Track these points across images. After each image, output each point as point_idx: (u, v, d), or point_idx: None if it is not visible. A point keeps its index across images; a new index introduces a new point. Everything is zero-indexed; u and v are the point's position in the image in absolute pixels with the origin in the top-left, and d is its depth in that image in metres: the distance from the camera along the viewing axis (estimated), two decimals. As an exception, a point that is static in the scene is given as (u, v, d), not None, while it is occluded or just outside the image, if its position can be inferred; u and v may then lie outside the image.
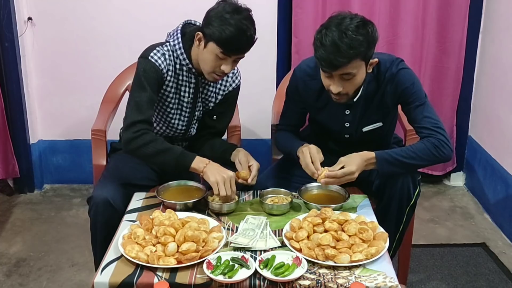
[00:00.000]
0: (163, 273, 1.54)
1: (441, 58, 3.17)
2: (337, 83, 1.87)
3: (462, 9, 3.05)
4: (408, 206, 1.98)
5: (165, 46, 2.03)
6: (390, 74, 1.98)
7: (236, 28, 1.86)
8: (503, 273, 2.51)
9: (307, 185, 2.03)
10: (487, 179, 3.13)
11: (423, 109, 1.97)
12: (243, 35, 1.89)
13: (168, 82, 2.04)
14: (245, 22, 1.89)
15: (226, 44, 1.88)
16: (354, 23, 1.80)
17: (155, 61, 1.98)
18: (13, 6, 3.01)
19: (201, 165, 1.91)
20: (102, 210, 1.95)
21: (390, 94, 2.00)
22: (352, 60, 1.80)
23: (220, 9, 1.90)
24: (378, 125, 2.09)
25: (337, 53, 1.77)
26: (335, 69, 1.82)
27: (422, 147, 1.91)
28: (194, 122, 2.19)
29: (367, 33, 1.81)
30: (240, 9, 1.92)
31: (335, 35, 1.78)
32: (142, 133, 1.91)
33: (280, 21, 3.12)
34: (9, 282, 2.45)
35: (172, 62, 2.03)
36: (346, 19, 1.81)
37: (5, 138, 3.10)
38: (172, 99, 2.08)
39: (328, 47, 1.78)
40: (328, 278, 1.53)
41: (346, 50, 1.77)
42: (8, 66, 3.08)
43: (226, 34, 1.86)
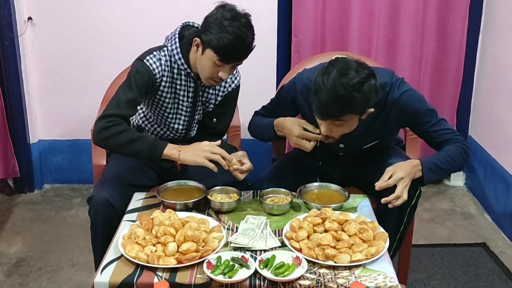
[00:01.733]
0: (163, 273, 1.54)
1: (441, 58, 3.16)
2: (327, 127, 1.84)
3: (462, 9, 3.05)
4: (409, 206, 1.98)
5: (163, 51, 2.02)
6: (392, 99, 1.94)
7: (234, 36, 1.85)
8: (503, 273, 2.51)
9: (307, 185, 2.03)
10: (487, 179, 3.13)
11: (438, 123, 1.98)
12: (241, 43, 1.88)
13: (164, 87, 2.04)
14: (243, 30, 1.87)
15: (223, 52, 1.88)
16: (358, 77, 1.72)
17: (149, 64, 1.97)
18: (13, 6, 3.01)
19: (174, 151, 1.88)
20: (102, 210, 1.95)
21: (395, 118, 1.98)
22: (345, 114, 1.77)
23: (218, 16, 1.89)
24: (376, 142, 2.09)
25: (332, 106, 1.73)
26: (326, 119, 1.80)
27: (456, 153, 1.95)
28: (194, 125, 2.19)
29: (369, 91, 1.75)
30: (239, 15, 1.90)
31: (336, 87, 1.71)
32: (114, 123, 1.88)
33: (280, 21, 3.12)
34: (9, 282, 2.45)
35: (168, 68, 2.02)
36: (351, 70, 1.74)
37: (5, 138, 3.10)
38: (169, 103, 2.08)
39: (325, 97, 1.73)
40: (328, 278, 1.53)
41: (342, 104, 1.73)
42: (8, 66, 3.08)
43: (224, 42, 1.85)
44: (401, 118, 1.98)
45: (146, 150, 1.88)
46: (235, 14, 1.89)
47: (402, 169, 1.85)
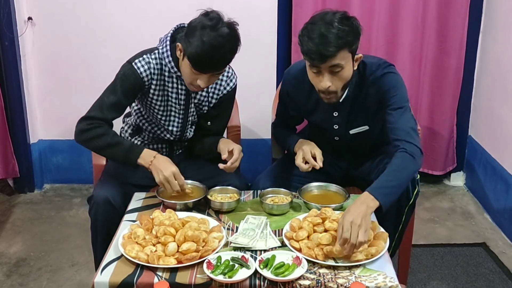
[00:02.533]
0: (163, 273, 1.54)
1: (441, 57, 3.16)
2: (326, 78, 1.85)
3: (462, 8, 3.05)
4: (407, 205, 1.98)
5: (154, 53, 2.00)
6: (374, 78, 1.97)
7: (208, 45, 1.80)
8: (503, 273, 2.51)
9: (307, 185, 2.03)
10: (487, 179, 3.13)
11: (397, 113, 1.92)
12: (215, 53, 1.82)
13: (154, 90, 2.02)
14: (219, 39, 1.81)
15: (195, 62, 1.84)
16: (337, 16, 1.82)
17: (137, 68, 1.96)
18: (13, 6, 3.01)
19: (148, 160, 1.91)
20: (103, 210, 1.95)
21: (372, 97, 1.99)
22: (340, 50, 1.80)
23: (197, 22, 1.84)
24: (364, 128, 2.09)
25: (326, 43, 1.78)
26: (324, 60, 1.81)
27: (401, 163, 1.83)
28: (189, 126, 2.17)
29: (352, 25, 1.84)
30: (219, 24, 1.83)
31: (322, 28, 1.79)
32: (95, 126, 1.93)
33: (280, 21, 3.12)
34: (9, 282, 2.45)
35: (158, 71, 2.00)
36: (328, 13, 1.84)
37: (5, 138, 3.10)
38: (161, 106, 2.07)
39: (316, 39, 1.79)
40: (328, 278, 1.53)
41: (334, 39, 1.78)
42: (8, 66, 3.08)
43: (197, 51, 1.81)
44: (376, 96, 1.98)
45: (122, 156, 1.93)
46: (215, 23, 1.82)
47: (348, 214, 1.64)
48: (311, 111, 2.12)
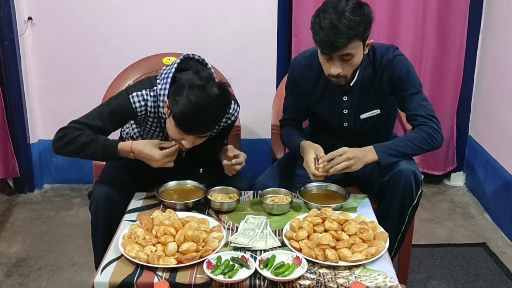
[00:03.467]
0: (163, 273, 1.54)
1: (441, 57, 3.16)
2: (337, 65, 1.89)
3: (462, 9, 3.05)
4: (411, 206, 1.98)
5: (152, 91, 1.93)
6: (387, 60, 2.00)
7: (195, 105, 1.73)
8: (503, 273, 2.50)
9: (307, 185, 2.03)
10: (488, 179, 3.13)
11: (418, 97, 2.00)
12: (202, 114, 1.74)
13: (151, 125, 2.01)
14: (207, 100, 1.74)
15: (180, 121, 1.77)
16: (350, 5, 1.83)
17: (133, 102, 1.92)
18: (13, 6, 3.01)
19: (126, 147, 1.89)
20: (103, 205, 1.94)
21: (386, 81, 2.02)
22: (352, 41, 1.83)
23: (187, 80, 1.78)
24: (375, 112, 2.10)
25: (337, 34, 1.80)
26: (335, 50, 1.84)
27: (417, 137, 1.96)
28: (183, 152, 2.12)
29: (364, 14, 1.85)
30: (208, 84, 1.76)
31: (333, 17, 1.81)
32: (69, 132, 1.90)
33: (280, 21, 3.12)
34: (9, 282, 2.45)
35: (155, 108, 1.95)
36: (341, 1, 1.84)
37: (5, 138, 3.10)
38: (159, 133, 2.05)
39: (328, 29, 1.81)
40: (328, 278, 1.52)
41: (345, 31, 1.80)
42: (8, 66, 3.07)
43: (182, 110, 1.74)
44: (390, 80, 2.02)
45: (101, 152, 1.90)
46: (204, 83, 1.76)
47: (351, 151, 1.89)
48: (319, 97, 2.12)
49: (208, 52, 2.25)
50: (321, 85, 2.08)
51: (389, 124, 2.24)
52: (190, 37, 3.08)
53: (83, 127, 1.91)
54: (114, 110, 1.94)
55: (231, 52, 3.13)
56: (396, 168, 1.92)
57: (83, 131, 1.90)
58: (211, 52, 2.46)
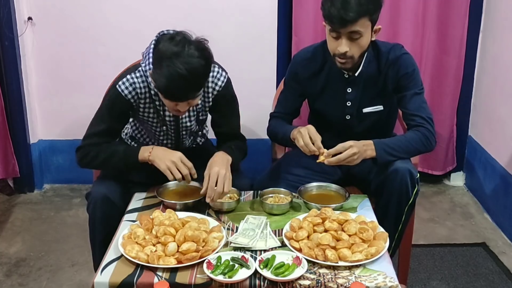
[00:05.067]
0: (163, 273, 1.54)
1: (441, 57, 3.16)
2: (345, 43, 1.91)
3: (462, 8, 3.05)
4: (407, 204, 1.98)
5: (138, 71, 1.94)
6: (394, 56, 2.03)
7: (177, 76, 1.71)
8: (503, 273, 2.50)
9: (307, 185, 2.03)
10: (487, 178, 3.13)
11: (419, 98, 2.03)
12: (186, 82, 1.73)
13: (144, 107, 2.00)
14: (187, 67, 1.71)
15: (167, 94, 1.79)
16: None
17: (121, 90, 1.93)
18: (13, 6, 3.01)
19: (146, 154, 1.92)
20: (101, 206, 1.94)
21: (392, 78, 2.04)
22: (361, 17, 1.87)
23: (163, 51, 1.76)
24: (378, 108, 2.11)
25: (347, 9, 1.84)
26: (344, 25, 1.87)
27: (415, 138, 1.98)
28: (184, 137, 2.13)
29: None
30: (185, 49, 1.74)
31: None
32: (86, 152, 1.97)
33: (280, 20, 3.12)
34: (9, 282, 2.45)
35: (145, 89, 1.95)
36: None
37: (5, 138, 3.10)
38: (154, 118, 2.04)
39: (338, 4, 1.85)
40: (328, 278, 1.52)
41: (355, 6, 1.84)
42: (8, 66, 3.08)
43: (166, 84, 1.74)
44: (395, 77, 2.04)
45: (122, 163, 1.95)
46: (181, 48, 1.73)
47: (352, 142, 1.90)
48: (321, 90, 2.13)
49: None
50: (323, 78, 2.09)
51: (390, 123, 2.24)
52: (190, 37, 3.07)
53: (96, 139, 1.97)
54: (109, 107, 1.97)
55: (231, 52, 3.13)
56: (392, 167, 1.93)
57: (99, 146, 1.95)
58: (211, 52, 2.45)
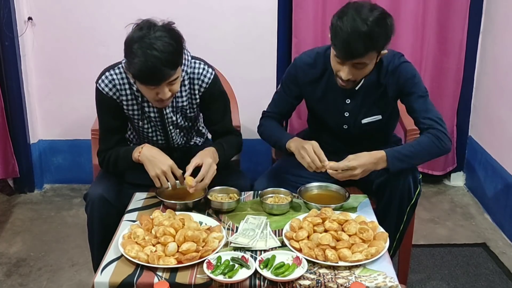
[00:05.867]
0: (163, 273, 1.54)
1: (441, 58, 3.16)
2: (347, 71, 1.88)
3: (462, 9, 3.05)
4: (409, 205, 1.98)
5: (118, 68, 1.96)
6: (393, 67, 2.00)
7: (144, 59, 1.71)
8: (503, 273, 2.50)
9: (307, 185, 2.03)
10: (488, 179, 3.13)
11: (425, 101, 1.99)
12: (158, 63, 1.72)
13: (127, 104, 2.00)
14: (155, 47, 1.71)
15: (142, 79, 1.77)
16: (375, 14, 1.79)
17: (102, 89, 1.96)
18: (13, 6, 3.01)
19: (136, 154, 1.93)
20: (98, 206, 1.95)
21: (392, 86, 2.02)
22: (369, 52, 1.81)
23: (129, 38, 1.76)
24: (377, 117, 2.10)
25: (355, 45, 1.77)
26: (351, 58, 1.82)
27: (426, 141, 1.93)
28: (173, 134, 2.12)
29: (386, 27, 1.82)
30: (150, 32, 1.73)
31: (356, 24, 1.76)
32: (102, 158, 2.03)
33: (280, 21, 3.12)
34: (9, 282, 2.45)
35: (126, 86, 1.96)
36: (365, 8, 1.80)
37: (5, 138, 3.10)
38: (138, 115, 2.04)
39: (347, 37, 1.77)
40: (328, 278, 1.52)
41: (365, 42, 1.77)
42: (8, 66, 3.08)
43: (139, 69, 1.73)
44: (396, 85, 2.01)
45: (126, 165, 1.99)
46: (145, 32, 1.73)
47: (359, 159, 1.85)
48: (320, 97, 2.12)
49: (208, 52, 2.25)
50: (323, 85, 2.07)
51: (389, 129, 2.24)
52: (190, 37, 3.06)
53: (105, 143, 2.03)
54: (98, 107, 2.02)
55: (231, 52, 3.13)
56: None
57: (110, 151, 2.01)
58: (211, 52, 2.46)
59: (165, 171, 1.86)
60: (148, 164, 1.88)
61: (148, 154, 1.90)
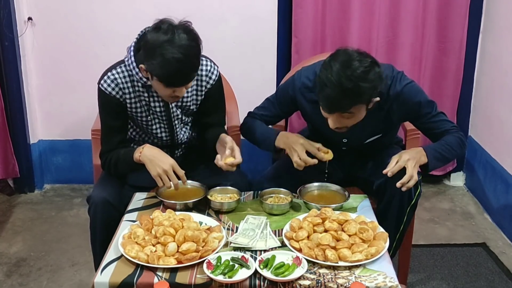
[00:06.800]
0: (163, 273, 1.54)
1: (441, 58, 3.16)
2: (336, 121, 1.84)
3: (462, 9, 3.05)
4: (409, 206, 1.98)
5: (120, 67, 1.97)
6: (395, 92, 1.94)
7: (173, 61, 1.76)
8: (503, 273, 2.51)
9: (307, 185, 2.03)
10: (487, 179, 3.13)
11: (439, 116, 2.02)
12: (184, 66, 1.79)
13: (131, 102, 2.00)
14: (182, 50, 1.76)
15: (167, 80, 1.82)
16: (362, 66, 1.73)
17: (104, 89, 1.96)
18: (13, 6, 3.01)
19: (137, 155, 1.93)
20: (101, 209, 1.95)
21: (397, 112, 1.99)
22: (355, 106, 1.78)
23: (154, 41, 1.78)
24: (377, 136, 2.09)
25: (341, 98, 1.73)
26: (334, 112, 1.80)
27: (454, 141, 1.99)
28: (178, 129, 2.13)
29: (375, 79, 1.76)
30: (175, 35, 1.77)
31: (342, 80, 1.71)
32: (104, 160, 2.03)
33: (280, 21, 3.12)
34: (9, 282, 2.45)
35: (128, 84, 1.97)
36: (354, 61, 1.73)
37: (5, 138, 3.10)
38: (143, 113, 2.04)
39: (332, 90, 1.73)
40: (328, 278, 1.53)
41: (351, 97, 1.73)
42: (8, 66, 3.08)
43: (164, 71, 1.78)
44: (402, 110, 1.99)
45: (128, 167, 1.99)
46: (171, 36, 1.77)
47: (407, 153, 1.90)
48: (319, 118, 2.00)
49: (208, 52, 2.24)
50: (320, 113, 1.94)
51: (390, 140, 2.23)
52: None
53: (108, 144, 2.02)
54: (102, 107, 2.02)
55: (231, 52, 3.13)
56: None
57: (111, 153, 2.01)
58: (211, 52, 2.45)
59: (166, 170, 1.86)
60: (149, 163, 1.89)
61: (149, 154, 1.90)
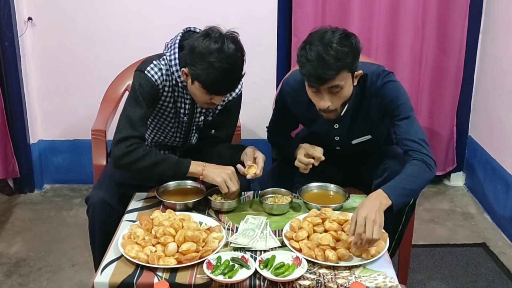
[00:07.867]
0: (163, 273, 1.54)
1: (441, 58, 3.16)
2: (325, 98, 1.83)
3: (462, 9, 3.05)
4: (407, 206, 1.98)
5: (162, 59, 1.95)
6: (375, 89, 1.94)
7: (221, 71, 1.77)
8: (503, 273, 2.51)
9: (307, 185, 2.03)
10: (487, 179, 3.13)
11: (408, 122, 1.92)
12: (230, 77, 1.82)
13: (165, 97, 2.00)
14: (230, 61, 1.78)
15: (212, 88, 1.82)
16: (336, 35, 1.77)
17: (151, 76, 1.91)
18: (13, 6, 3.01)
19: (199, 168, 1.90)
20: (100, 210, 1.95)
21: (376, 108, 1.98)
22: (340, 72, 1.77)
23: (204, 48, 1.77)
24: (367, 137, 2.08)
25: (324, 66, 1.74)
26: (323, 83, 1.78)
27: (416, 170, 1.83)
28: (193, 133, 2.15)
29: (352, 44, 1.78)
30: (224, 44, 1.77)
31: (320, 49, 1.74)
32: (135, 147, 1.87)
33: (280, 21, 3.12)
34: (9, 282, 2.45)
35: (168, 78, 1.96)
36: (327, 32, 1.78)
37: (5, 138, 3.10)
38: (170, 113, 2.05)
39: (315, 62, 1.74)
40: (328, 278, 1.53)
41: (333, 62, 1.74)
42: (8, 66, 3.08)
43: (211, 78, 1.78)
44: (380, 107, 1.96)
45: (171, 172, 1.91)
46: (221, 45, 1.77)
47: (364, 208, 1.66)
48: (311, 122, 2.10)
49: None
50: (313, 111, 1.98)
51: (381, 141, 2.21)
52: (190, 37, 3.08)
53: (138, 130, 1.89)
54: (141, 92, 1.91)
55: (231, 52, 3.13)
56: (392, 168, 1.92)
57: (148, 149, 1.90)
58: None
59: (230, 174, 1.88)
60: (212, 174, 1.88)
61: (212, 168, 1.91)
